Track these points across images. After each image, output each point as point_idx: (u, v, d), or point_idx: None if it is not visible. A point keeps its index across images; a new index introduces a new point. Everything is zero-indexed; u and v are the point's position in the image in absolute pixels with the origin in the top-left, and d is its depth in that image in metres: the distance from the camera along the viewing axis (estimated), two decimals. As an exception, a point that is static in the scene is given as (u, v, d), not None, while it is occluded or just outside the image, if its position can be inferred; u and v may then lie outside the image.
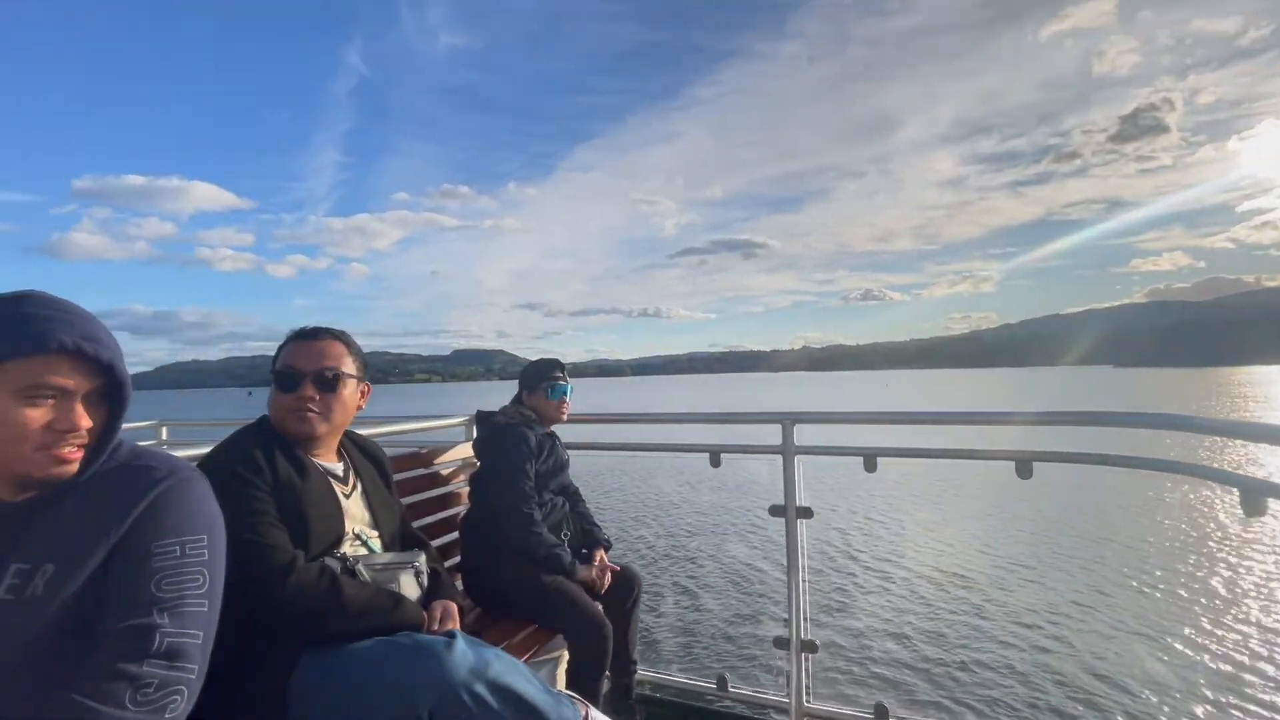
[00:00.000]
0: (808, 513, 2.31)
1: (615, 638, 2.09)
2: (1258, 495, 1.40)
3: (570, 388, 2.50)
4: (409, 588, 1.50)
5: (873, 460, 2.17)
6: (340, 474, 1.56)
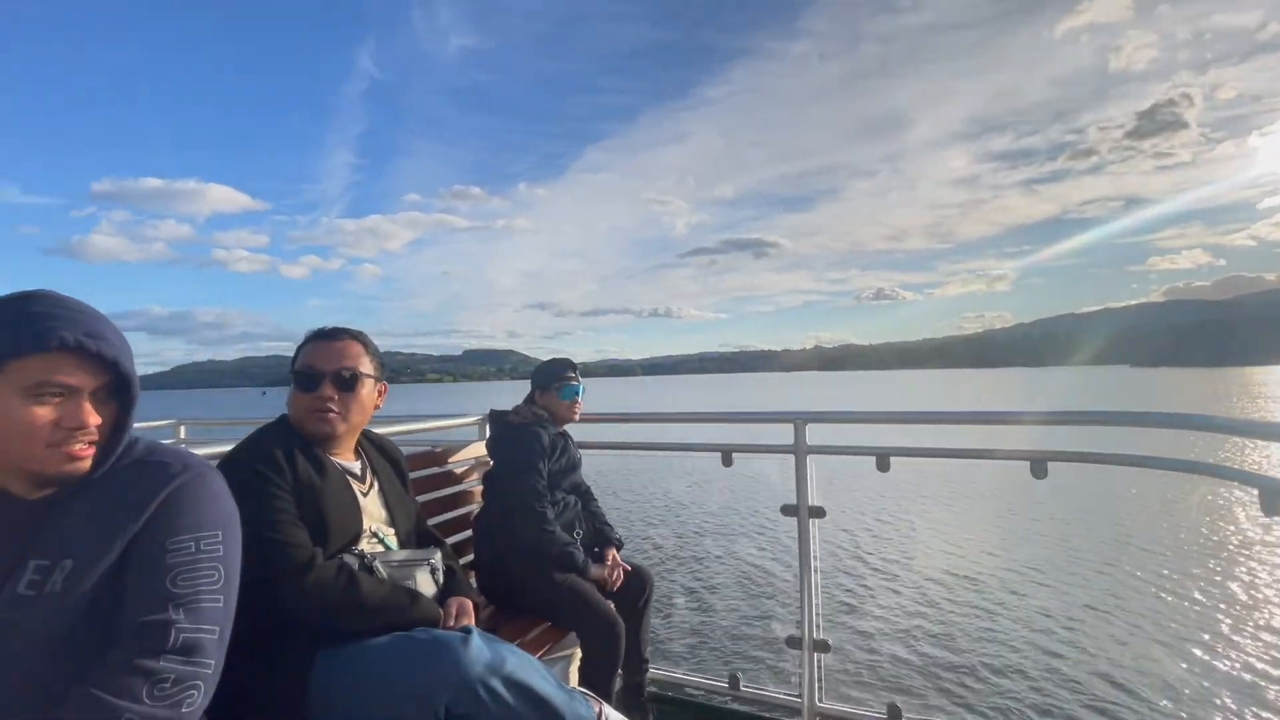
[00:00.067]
0: (820, 512, 2.31)
1: (627, 636, 2.10)
2: (1278, 496, 1.39)
3: (582, 388, 2.51)
4: (425, 585, 1.51)
5: (885, 460, 2.17)
6: (358, 472, 1.58)
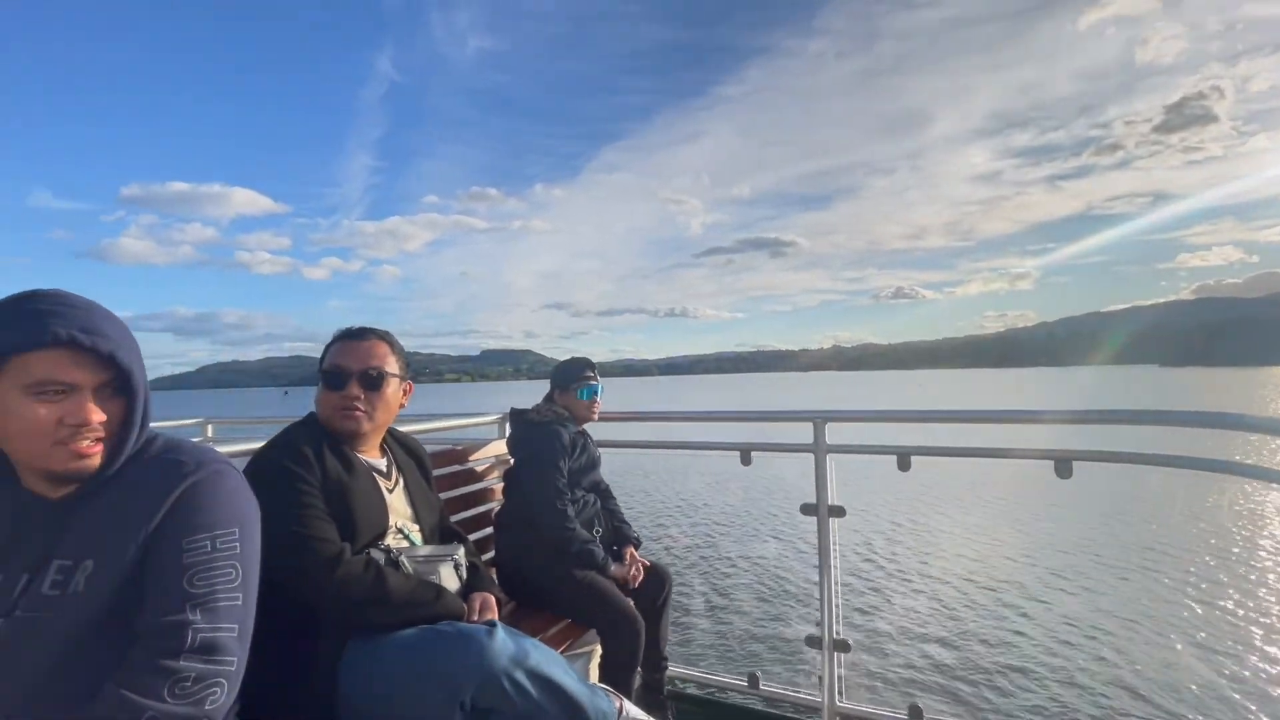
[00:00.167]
0: (840, 511, 2.30)
1: (646, 634, 2.11)
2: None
3: (601, 387, 2.53)
4: (449, 580, 1.54)
5: (906, 459, 2.15)
6: (384, 469, 1.61)
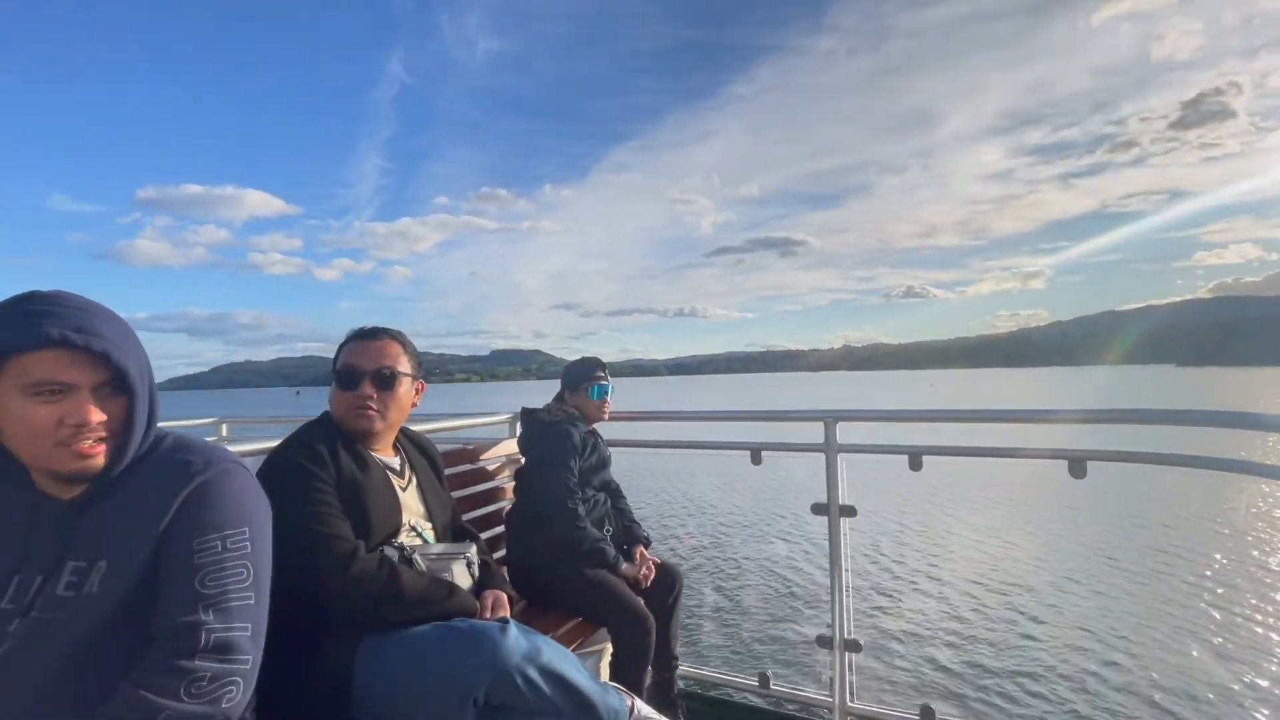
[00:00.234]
0: (851, 511, 2.29)
1: (657, 633, 2.11)
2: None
3: (612, 387, 2.54)
4: (461, 577, 1.55)
5: (918, 459, 2.14)
6: (397, 468, 1.63)
